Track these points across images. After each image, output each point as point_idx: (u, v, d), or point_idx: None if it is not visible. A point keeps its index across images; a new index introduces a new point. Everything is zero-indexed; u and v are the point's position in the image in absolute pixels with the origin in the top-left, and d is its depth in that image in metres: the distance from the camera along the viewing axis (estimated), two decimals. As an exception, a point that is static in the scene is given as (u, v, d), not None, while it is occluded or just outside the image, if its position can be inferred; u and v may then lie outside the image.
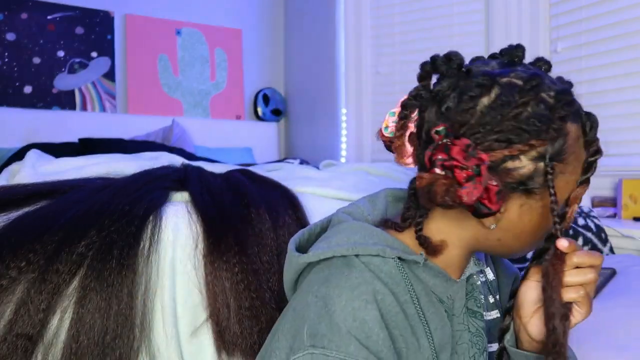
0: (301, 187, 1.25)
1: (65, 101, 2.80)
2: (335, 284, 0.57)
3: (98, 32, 2.91)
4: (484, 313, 0.66)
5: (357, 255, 0.59)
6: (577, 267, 0.57)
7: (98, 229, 0.92)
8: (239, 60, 3.36)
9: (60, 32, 2.80)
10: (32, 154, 1.34)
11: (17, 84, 2.68)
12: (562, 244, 0.56)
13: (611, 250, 1.48)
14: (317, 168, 1.79)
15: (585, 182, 0.59)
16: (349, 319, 0.54)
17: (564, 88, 0.58)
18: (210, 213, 1.02)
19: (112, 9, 2.95)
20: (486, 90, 0.55)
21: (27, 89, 2.71)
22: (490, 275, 0.73)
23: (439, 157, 0.53)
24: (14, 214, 0.96)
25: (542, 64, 0.62)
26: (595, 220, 1.51)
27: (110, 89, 2.93)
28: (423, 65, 0.62)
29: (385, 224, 0.65)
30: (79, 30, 2.86)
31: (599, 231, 1.48)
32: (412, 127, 0.60)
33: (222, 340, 0.93)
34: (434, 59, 0.61)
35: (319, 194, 1.25)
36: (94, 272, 0.87)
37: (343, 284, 0.56)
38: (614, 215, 1.77)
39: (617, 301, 1.05)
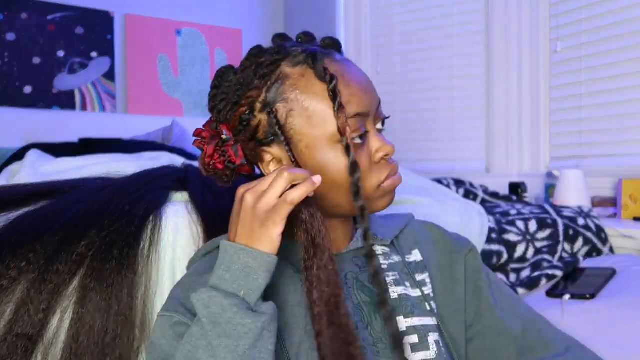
0: (301, 187, 1.25)
1: (65, 101, 2.80)
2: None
3: (98, 32, 2.91)
4: (406, 288, 0.68)
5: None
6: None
7: (98, 229, 0.92)
8: (239, 60, 3.35)
9: (60, 32, 2.80)
10: (32, 154, 1.34)
11: (17, 84, 2.68)
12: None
13: (611, 250, 1.48)
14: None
15: (339, 110, 0.59)
16: (178, 289, 0.66)
17: (279, 44, 0.65)
18: (212, 213, 1.02)
19: (112, 9, 2.95)
20: (221, 75, 0.67)
21: (27, 89, 2.71)
22: (417, 257, 0.74)
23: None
24: (14, 214, 0.96)
25: (304, 36, 0.69)
26: (595, 220, 1.51)
27: (110, 89, 2.93)
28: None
29: None
30: (79, 30, 2.86)
31: (599, 231, 1.48)
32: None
33: None
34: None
35: (319, 194, 1.25)
36: (94, 272, 0.87)
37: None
38: (614, 215, 1.77)
39: (617, 301, 1.05)
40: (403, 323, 0.66)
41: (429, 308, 0.69)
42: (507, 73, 2.27)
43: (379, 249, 0.71)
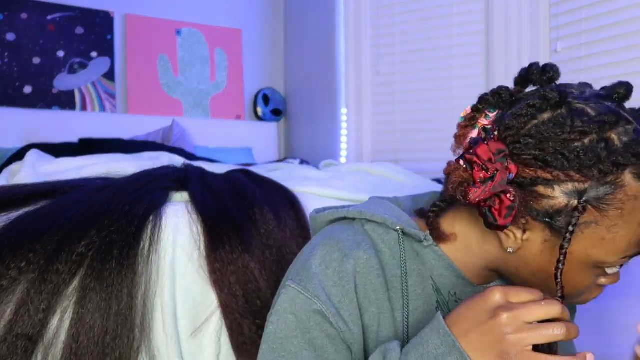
0: (301, 187, 1.25)
1: (65, 101, 2.80)
2: (330, 237, 0.61)
3: (98, 32, 2.91)
4: None
5: (366, 222, 0.62)
6: None
7: (98, 229, 0.92)
8: (239, 60, 3.36)
9: (60, 32, 2.80)
10: (32, 154, 1.34)
11: (17, 84, 2.68)
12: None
13: (611, 250, 1.48)
14: (317, 168, 1.79)
15: (632, 257, 0.52)
16: (322, 265, 0.59)
17: (636, 139, 0.51)
18: (212, 213, 1.02)
19: (112, 9, 2.95)
20: (550, 107, 0.53)
21: (27, 89, 2.71)
22: None
23: (469, 150, 0.53)
24: (14, 214, 0.96)
25: (620, 91, 0.57)
26: (595, 220, 1.51)
27: (110, 89, 2.93)
28: (520, 71, 0.61)
29: (419, 212, 0.66)
30: (79, 30, 2.86)
31: (599, 231, 1.48)
32: (483, 122, 0.58)
33: (235, 340, 0.93)
34: (531, 66, 0.60)
35: (319, 194, 1.25)
36: (94, 272, 0.87)
37: (334, 238, 0.61)
38: (614, 215, 1.77)
39: (617, 301, 1.05)
40: None
41: None
42: (507, 73, 2.26)
43: None
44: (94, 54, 2.90)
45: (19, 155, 1.89)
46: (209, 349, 0.94)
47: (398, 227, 0.60)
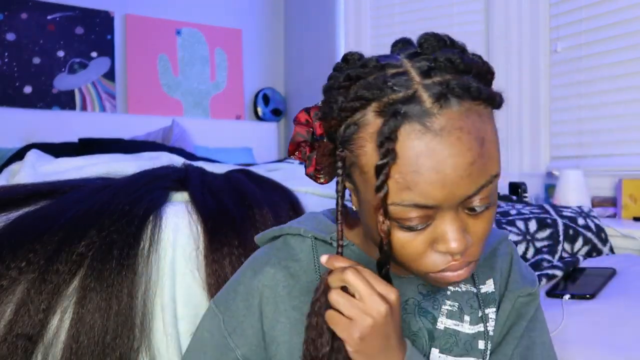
0: (301, 187, 1.25)
1: (65, 101, 2.80)
2: (251, 258, 0.67)
3: (98, 32, 2.91)
4: (460, 323, 0.63)
5: (291, 236, 0.66)
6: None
7: (98, 229, 0.92)
8: (239, 60, 3.36)
9: (60, 32, 2.80)
10: (32, 154, 1.34)
11: (17, 84, 2.68)
12: (322, 259, 0.54)
13: (611, 250, 1.48)
14: (317, 168, 1.79)
15: (381, 189, 0.47)
16: (235, 282, 0.65)
17: (378, 74, 0.50)
18: (212, 213, 1.02)
19: (112, 9, 2.95)
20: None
21: (27, 89, 2.71)
22: (490, 288, 0.66)
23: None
24: (14, 214, 0.96)
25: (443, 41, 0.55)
26: (595, 220, 1.51)
27: (110, 89, 2.93)
28: None
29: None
30: (79, 30, 2.86)
31: (599, 231, 1.48)
32: None
33: None
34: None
35: (319, 194, 1.25)
36: (94, 272, 0.87)
37: (253, 257, 0.67)
38: (614, 215, 1.77)
39: (617, 301, 1.05)
40: (436, 356, 0.62)
41: (481, 347, 0.63)
42: (507, 73, 2.27)
43: None
44: (94, 54, 2.90)
45: (19, 155, 1.89)
46: (209, 349, 0.94)
47: (310, 235, 0.64)
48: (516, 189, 1.97)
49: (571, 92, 2.05)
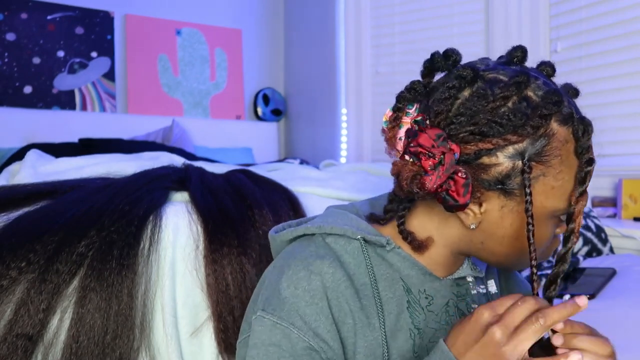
0: (301, 187, 1.25)
1: (65, 101, 2.80)
2: (292, 257, 0.61)
3: (98, 32, 2.91)
4: None
5: (327, 236, 0.62)
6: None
7: (98, 229, 0.92)
8: (239, 60, 3.36)
9: (60, 32, 2.80)
10: (32, 154, 1.34)
11: (17, 84, 2.68)
12: (558, 327, 0.51)
13: (611, 250, 1.48)
14: (317, 168, 1.79)
15: (582, 195, 0.56)
16: (291, 287, 0.58)
17: (553, 88, 0.56)
18: (212, 213, 1.02)
19: (112, 9, 2.95)
20: (467, 83, 0.56)
21: (27, 89, 2.71)
22: (493, 288, 0.70)
23: (410, 144, 0.54)
24: (14, 214, 0.96)
25: (545, 67, 0.60)
26: (595, 220, 1.51)
27: (110, 89, 2.93)
28: (424, 62, 0.63)
29: (370, 217, 0.67)
30: (79, 30, 2.86)
31: (599, 231, 1.48)
32: (408, 122, 0.59)
33: (224, 341, 0.93)
34: (433, 55, 0.62)
35: (319, 194, 1.25)
36: (94, 272, 0.87)
37: (297, 257, 0.60)
38: (614, 215, 1.76)
39: (617, 301, 1.05)
40: None
41: None
42: (507, 73, 2.26)
43: (470, 277, 0.66)
44: (94, 54, 2.90)
45: (19, 155, 1.89)
46: (209, 349, 0.94)
47: (359, 236, 0.61)
48: (516, 189, 1.97)
49: (571, 92, 2.05)
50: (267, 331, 0.57)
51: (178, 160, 1.48)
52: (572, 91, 0.60)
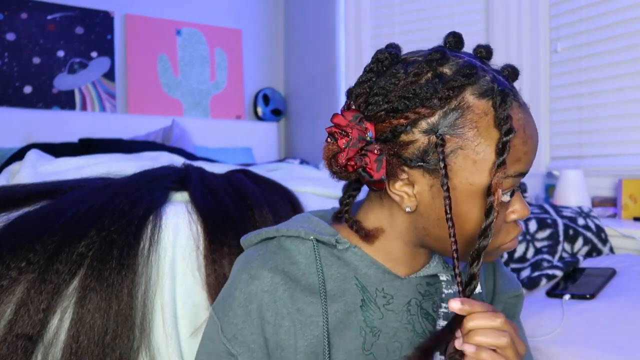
0: (301, 187, 1.25)
1: (65, 101, 2.80)
2: (244, 259, 0.65)
3: (98, 32, 2.91)
4: (440, 322, 0.64)
5: (286, 238, 0.64)
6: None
7: (98, 229, 0.92)
8: (239, 60, 3.36)
9: (60, 32, 2.80)
10: (32, 154, 1.34)
11: (17, 84, 2.68)
12: (452, 305, 0.51)
13: (611, 250, 1.48)
14: (317, 168, 1.79)
15: (500, 167, 0.52)
16: (231, 288, 0.63)
17: (468, 63, 0.55)
18: (212, 213, 1.02)
19: (112, 9, 2.95)
20: (386, 66, 0.58)
21: (27, 89, 2.71)
22: (476, 290, 0.70)
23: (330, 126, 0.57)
24: (14, 214, 0.96)
25: (480, 49, 0.62)
26: (595, 220, 1.51)
27: (110, 89, 2.93)
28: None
29: (334, 217, 0.68)
30: (79, 30, 2.86)
31: (599, 231, 1.48)
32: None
33: None
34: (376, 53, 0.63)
35: (319, 194, 1.25)
36: (94, 272, 0.87)
37: (246, 261, 0.64)
38: (614, 215, 1.77)
39: (617, 301, 1.05)
40: (438, 359, 0.62)
41: None
42: (507, 73, 2.26)
43: (443, 276, 0.65)
44: (94, 54, 2.90)
45: (19, 155, 1.89)
46: (209, 349, 0.94)
47: (311, 237, 0.62)
48: (516, 189, 1.97)
49: (571, 92, 2.05)
50: (209, 325, 0.65)
51: (178, 160, 1.48)
52: (510, 71, 0.60)
